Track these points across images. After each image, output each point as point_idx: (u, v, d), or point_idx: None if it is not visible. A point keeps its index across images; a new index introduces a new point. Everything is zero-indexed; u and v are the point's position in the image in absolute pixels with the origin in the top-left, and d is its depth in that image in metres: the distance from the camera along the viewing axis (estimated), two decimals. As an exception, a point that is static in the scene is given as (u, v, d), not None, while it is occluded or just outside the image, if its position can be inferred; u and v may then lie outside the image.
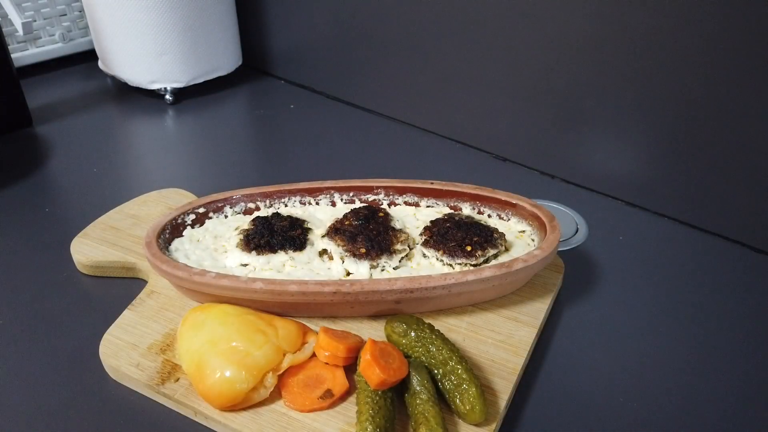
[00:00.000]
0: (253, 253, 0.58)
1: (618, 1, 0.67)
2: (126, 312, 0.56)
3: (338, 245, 0.59)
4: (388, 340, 0.52)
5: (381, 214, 0.62)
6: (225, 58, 1.05)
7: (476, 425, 0.45)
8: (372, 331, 0.54)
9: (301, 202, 0.67)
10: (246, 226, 0.61)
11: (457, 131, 0.91)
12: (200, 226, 0.64)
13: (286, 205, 0.67)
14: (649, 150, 0.72)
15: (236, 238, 0.60)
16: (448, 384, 0.46)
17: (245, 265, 0.58)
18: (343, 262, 0.58)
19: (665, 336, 0.58)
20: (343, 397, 0.48)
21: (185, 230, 0.62)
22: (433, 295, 0.53)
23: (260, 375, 0.47)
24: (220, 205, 0.65)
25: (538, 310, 0.57)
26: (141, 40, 0.94)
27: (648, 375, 0.54)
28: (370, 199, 0.67)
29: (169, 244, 0.60)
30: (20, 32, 0.94)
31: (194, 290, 0.55)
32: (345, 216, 0.62)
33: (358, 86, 1.02)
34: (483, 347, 0.53)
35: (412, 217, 0.66)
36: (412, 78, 0.93)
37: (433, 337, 0.49)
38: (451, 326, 0.55)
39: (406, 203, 0.67)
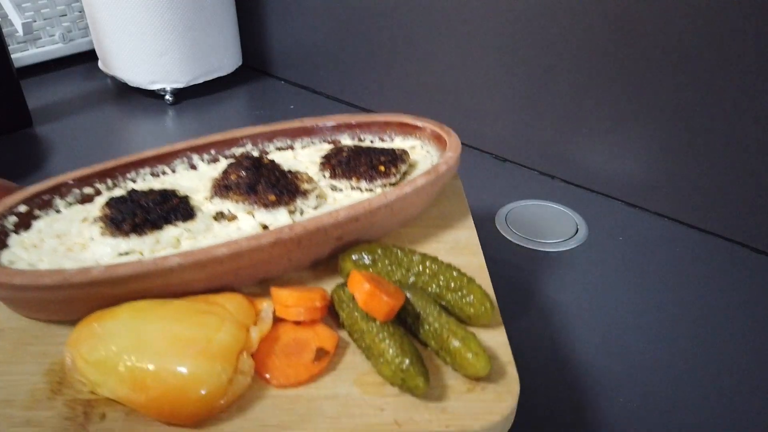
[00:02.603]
0: (132, 235, 0.44)
1: (618, 2, 0.65)
2: (-37, 368, 0.37)
3: (237, 202, 0.48)
4: (351, 278, 0.44)
5: (266, 161, 0.53)
6: (225, 59, 1.04)
7: (486, 325, 0.41)
8: (316, 284, 0.46)
9: (153, 174, 0.53)
10: (99, 213, 0.46)
11: (457, 131, 0.88)
12: (26, 229, 0.46)
13: (134, 182, 0.52)
14: (649, 150, 0.70)
15: (95, 227, 0.45)
16: (449, 294, 0.41)
17: (126, 253, 0.43)
18: (254, 216, 0.48)
19: (665, 336, 0.56)
20: (336, 352, 0.39)
21: (9, 239, 0.44)
22: (376, 219, 0.46)
23: (234, 359, 0.35)
24: (46, 198, 0.48)
25: (463, 213, 0.55)
26: (141, 40, 0.94)
27: (648, 375, 0.52)
28: (237, 153, 0.57)
29: (-5, 260, 0.42)
30: (20, 32, 0.94)
31: (73, 299, 0.39)
32: (226, 172, 0.51)
33: (358, 86, 0.99)
34: (440, 258, 0.49)
35: (294, 160, 0.57)
36: (412, 78, 0.89)
37: (408, 253, 0.43)
38: (397, 251, 0.49)
39: (278, 149, 0.59)
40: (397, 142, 0.61)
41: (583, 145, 0.76)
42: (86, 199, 0.50)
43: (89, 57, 1.11)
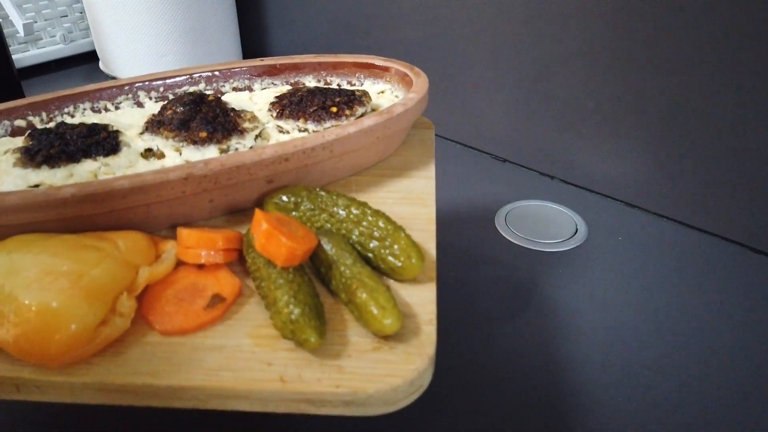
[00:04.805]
0: (44, 167, 0.41)
1: (617, 3, 0.64)
2: None
3: (166, 138, 0.44)
4: (273, 222, 0.40)
5: (211, 98, 0.49)
6: (225, 59, 1.03)
7: (415, 281, 0.36)
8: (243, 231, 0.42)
9: (93, 110, 0.50)
10: (22, 144, 0.43)
11: (457, 132, 0.88)
12: (-55, 159, 0.43)
13: (72, 116, 0.49)
14: (649, 150, 0.69)
15: (11, 158, 0.42)
16: (371, 242, 0.36)
17: (36, 186, 0.40)
18: (181, 154, 0.44)
19: (665, 336, 0.55)
20: (237, 302, 0.35)
21: None
22: (313, 161, 0.42)
23: (109, 299, 0.32)
24: (-30, 127, 0.45)
25: (426, 163, 0.49)
26: (142, 41, 0.94)
27: (648, 375, 0.51)
28: (190, 91, 0.53)
29: None
30: (21, 33, 0.95)
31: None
32: (164, 107, 0.47)
33: (360, 87, 1.01)
34: (384, 208, 0.44)
35: (248, 102, 0.53)
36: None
37: (334, 197, 0.39)
38: (340, 199, 0.44)
39: (236, 89, 0.55)
40: (367, 86, 0.55)
41: (583, 145, 0.75)
42: (16, 132, 0.47)
43: (90, 58, 1.11)
